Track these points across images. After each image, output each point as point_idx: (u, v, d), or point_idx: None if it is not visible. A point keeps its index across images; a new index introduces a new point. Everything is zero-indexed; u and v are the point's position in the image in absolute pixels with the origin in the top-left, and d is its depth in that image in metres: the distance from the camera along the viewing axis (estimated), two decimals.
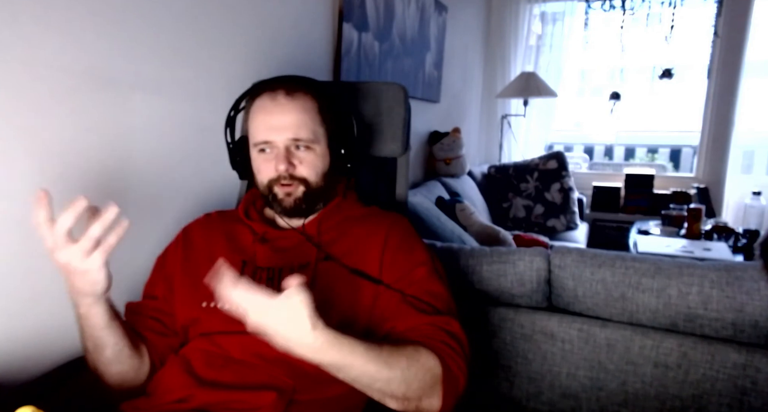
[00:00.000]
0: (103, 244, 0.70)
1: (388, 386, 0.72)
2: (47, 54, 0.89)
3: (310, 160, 0.93)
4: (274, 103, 0.91)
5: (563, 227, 3.24)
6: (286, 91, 0.92)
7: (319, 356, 0.66)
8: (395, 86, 1.23)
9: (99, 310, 0.77)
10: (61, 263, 0.70)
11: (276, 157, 0.91)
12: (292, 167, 0.91)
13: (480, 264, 1.32)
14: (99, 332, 0.79)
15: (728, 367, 1.15)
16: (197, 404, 0.80)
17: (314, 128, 0.93)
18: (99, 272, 0.72)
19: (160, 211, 1.16)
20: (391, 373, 0.71)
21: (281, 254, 0.93)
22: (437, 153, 2.89)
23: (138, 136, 1.09)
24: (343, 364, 0.68)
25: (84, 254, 0.69)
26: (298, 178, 0.92)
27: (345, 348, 0.67)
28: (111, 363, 0.82)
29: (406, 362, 0.73)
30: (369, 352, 0.69)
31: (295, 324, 0.63)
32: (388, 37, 2.23)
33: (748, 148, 4.57)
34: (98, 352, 0.81)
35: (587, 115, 8.47)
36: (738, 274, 1.14)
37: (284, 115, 0.91)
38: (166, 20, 1.12)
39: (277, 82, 0.95)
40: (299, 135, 0.91)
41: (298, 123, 0.91)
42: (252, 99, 0.95)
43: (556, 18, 3.87)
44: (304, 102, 0.93)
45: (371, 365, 0.69)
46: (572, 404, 1.27)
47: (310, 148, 0.93)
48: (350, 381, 0.71)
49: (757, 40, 3.35)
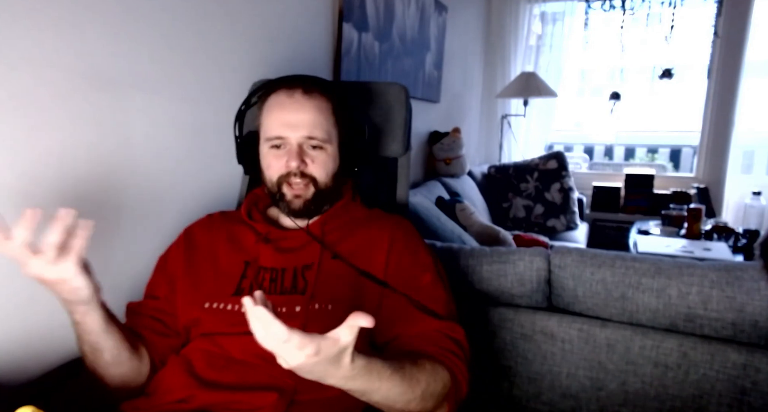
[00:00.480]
0: (70, 249, 0.67)
1: (407, 405, 0.72)
2: (47, 54, 0.89)
3: (321, 160, 0.93)
4: (291, 100, 0.92)
5: (563, 227, 3.24)
6: (303, 90, 0.93)
7: (349, 384, 0.64)
8: (396, 86, 1.23)
9: (94, 316, 0.76)
10: (34, 277, 0.67)
11: (288, 153, 0.92)
12: (304, 165, 0.92)
13: (480, 264, 1.32)
14: (96, 337, 0.78)
15: (728, 367, 1.15)
16: (198, 405, 0.80)
17: (328, 129, 0.94)
18: (76, 278, 0.69)
19: (160, 211, 1.16)
20: (412, 394, 0.71)
21: (285, 254, 0.93)
22: (437, 153, 2.89)
23: (137, 135, 1.09)
24: (370, 389, 0.67)
25: (50, 264, 0.66)
26: (308, 176, 0.93)
27: (374, 374, 0.65)
28: (109, 366, 0.82)
29: (425, 383, 0.73)
30: (394, 375, 0.68)
31: (336, 362, 0.59)
32: (388, 37, 2.23)
33: (748, 148, 4.58)
34: (96, 356, 0.80)
35: (587, 115, 8.47)
36: (738, 274, 1.14)
37: (300, 112, 0.91)
38: (166, 20, 1.12)
39: (295, 80, 0.95)
40: (314, 133, 0.91)
41: (314, 122, 0.91)
42: (267, 95, 0.96)
43: (556, 18, 3.87)
44: (320, 102, 0.93)
45: (396, 388, 0.69)
46: (572, 404, 1.27)
47: (322, 148, 0.93)
48: (371, 402, 0.70)
49: (757, 40, 3.35)
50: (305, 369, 0.59)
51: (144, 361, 0.88)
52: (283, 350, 0.56)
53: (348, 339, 0.57)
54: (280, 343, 0.55)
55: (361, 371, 0.62)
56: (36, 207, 0.64)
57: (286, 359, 0.57)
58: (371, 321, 0.56)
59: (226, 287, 0.91)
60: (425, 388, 0.73)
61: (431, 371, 0.75)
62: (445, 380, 0.77)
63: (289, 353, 0.56)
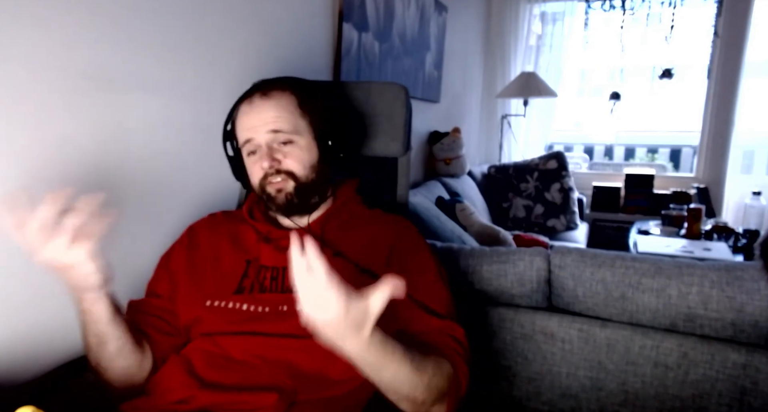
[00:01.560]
0: (87, 234, 0.67)
1: (413, 390, 0.72)
2: (46, 54, 0.89)
3: (295, 154, 0.94)
4: (250, 106, 0.95)
5: (563, 227, 3.24)
6: (260, 94, 0.95)
7: (365, 353, 0.65)
8: (396, 86, 1.23)
9: (102, 305, 0.76)
10: (46, 261, 0.67)
11: (260, 156, 0.93)
12: (277, 162, 0.93)
13: (480, 264, 1.32)
14: (103, 326, 0.78)
15: (728, 367, 1.15)
16: (198, 405, 0.80)
17: (293, 121, 0.94)
18: (87, 263, 0.69)
19: (160, 209, 1.16)
20: (419, 379, 0.72)
21: (285, 253, 0.93)
22: (437, 153, 2.89)
23: (137, 135, 1.09)
24: (383, 363, 0.68)
25: (65, 247, 0.66)
26: (284, 172, 0.93)
27: (388, 350, 0.67)
28: (114, 358, 0.82)
29: (432, 370, 0.74)
30: (405, 357, 0.69)
31: (359, 327, 0.61)
32: (388, 37, 2.23)
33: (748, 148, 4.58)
34: (101, 347, 0.80)
35: (587, 115, 8.48)
36: (738, 274, 1.14)
37: (260, 113, 0.93)
38: (165, 20, 1.12)
39: (253, 88, 0.98)
40: (278, 127, 0.92)
41: (275, 116, 0.93)
42: (235, 110, 0.99)
43: (556, 18, 3.87)
44: (279, 98, 0.95)
45: (405, 369, 0.70)
46: (572, 404, 1.27)
47: (292, 142, 0.94)
48: (381, 382, 0.71)
49: (757, 40, 3.34)
50: (330, 326, 0.60)
51: (147, 356, 0.88)
52: (320, 299, 0.56)
53: (377, 306, 0.59)
54: (320, 290, 0.55)
55: (377, 343, 0.65)
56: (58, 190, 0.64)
57: (319, 310, 0.57)
58: (402, 290, 0.57)
59: (227, 286, 0.92)
60: (431, 377, 0.73)
61: (437, 363, 0.76)
62: (448, 374, 0.78)
63: (324, 304, 0.57)
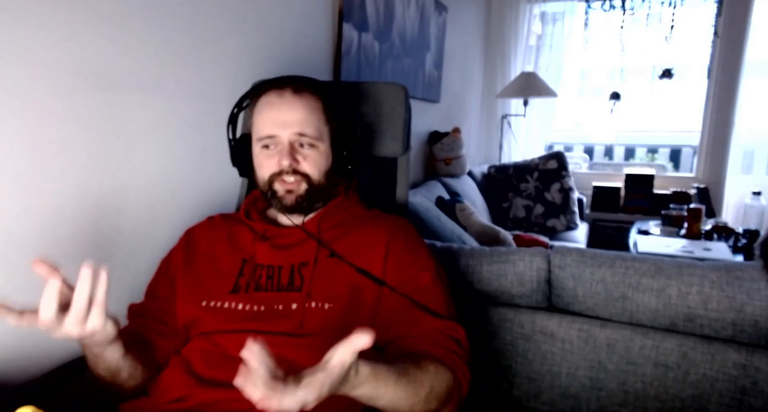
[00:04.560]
0: (95, 302, 0.65)
1: (411, 408, 0.72)
2: (46, 54, 0.89)
3: (313, 158, 0.93)
4: (281, 99, 0.92)
5: (563, 227, 3.24)
6: (293, 90, 0.93)
7: (357, 391, 0.64)
8: (396, 86, 1.23)
9: (114, 348, 0.76)
10: (63, 336, 0.66)
11: (280, 152, 0.92)
12: (296, 162, 0.92)
13: (480, 264, 1.32)
14: (115, 363, 0.78)
15: (728, 367, 1.15)
16: (195, 403, 0.80)
17: (319, 126, 0.94)
18: (105, 326, 0.68)
19: (160, 211, 1.16)
20: (417, 398, 0.71)
21: (281, 251, 0.94)
22: (437, 153, 2.89)
23: (138, 136, 1.09)
24: (375, 395, 0.67)
25: (81, 322, 0.64)
26: (301, 174, 0.93)
27: (380, 380, 0.65)
28: (126, 381, 0.83)
29: (429, 385, 0.73)
30: (399, 380, 0.68)
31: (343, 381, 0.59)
32: (388, 38, 2.23)
33: (748, 148, 4.58)
34: (114, 377, 0.81)
35: (587, 115, 8.48)
36: (738, 274, 1.14)
37: (291, 111, 0.92)
38: (165, 20, 1.12)
39: (285, 80, 0.96)
40: (305, 131, 0.92)
41: (305, 119, 0.92)
42: (257, 96, 0.96)
43: (556, 18, 3.87)
44: (310, 101, 0.94)
45: (401, 393, 0.69)
46: (572, 404, 1.27)
47: (313, 146, 0.93)
48: (377, 405, 0.70)
49: (757, 40, 3.35)
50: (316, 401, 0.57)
51: (154, 365, 0.89)
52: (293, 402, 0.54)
53: (349, 362, 0.56)
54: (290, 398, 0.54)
55: (366, 378, 0.63)
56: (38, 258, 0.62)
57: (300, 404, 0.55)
58: (370, 340, 0.55)
59: (223, 286, 0.92)
60: (429, 391, 0.73)
61: (434, 373, 0.76)
62: (448, 381, 0.78)
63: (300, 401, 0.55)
